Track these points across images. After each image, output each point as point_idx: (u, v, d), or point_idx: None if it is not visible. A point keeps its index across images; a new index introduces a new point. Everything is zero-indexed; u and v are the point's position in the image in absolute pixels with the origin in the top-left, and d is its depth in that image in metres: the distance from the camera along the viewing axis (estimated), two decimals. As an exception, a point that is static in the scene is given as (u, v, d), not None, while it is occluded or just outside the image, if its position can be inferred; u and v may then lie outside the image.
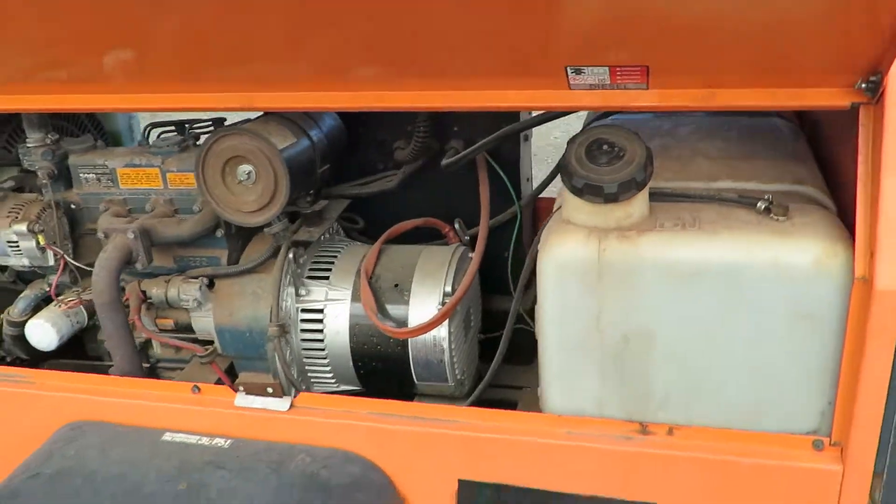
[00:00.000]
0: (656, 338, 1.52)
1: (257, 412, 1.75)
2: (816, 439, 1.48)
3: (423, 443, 1.68)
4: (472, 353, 2.19)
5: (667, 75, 1.39)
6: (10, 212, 2.01)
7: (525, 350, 2.12)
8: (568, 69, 1.39)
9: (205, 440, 1.76)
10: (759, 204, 1.50)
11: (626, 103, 1.45)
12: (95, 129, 2.40)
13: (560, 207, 1.62)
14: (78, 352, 2.29)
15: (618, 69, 1.38)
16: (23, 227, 1.97)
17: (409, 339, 1.99)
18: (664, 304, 1.49)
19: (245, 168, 1.87)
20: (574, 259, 1.51)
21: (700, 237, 1.46)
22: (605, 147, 1.51)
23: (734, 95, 1.41)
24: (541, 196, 2.46)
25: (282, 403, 1.74)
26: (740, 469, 1.51)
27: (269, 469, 1.67)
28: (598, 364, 1.57)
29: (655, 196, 1.57)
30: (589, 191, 1.47)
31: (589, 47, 1.36)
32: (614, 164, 1.48)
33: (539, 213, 2.57)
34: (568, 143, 1.55)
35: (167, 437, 1.78)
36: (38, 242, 1.98)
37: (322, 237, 2.17)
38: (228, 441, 1.75)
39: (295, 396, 1.76)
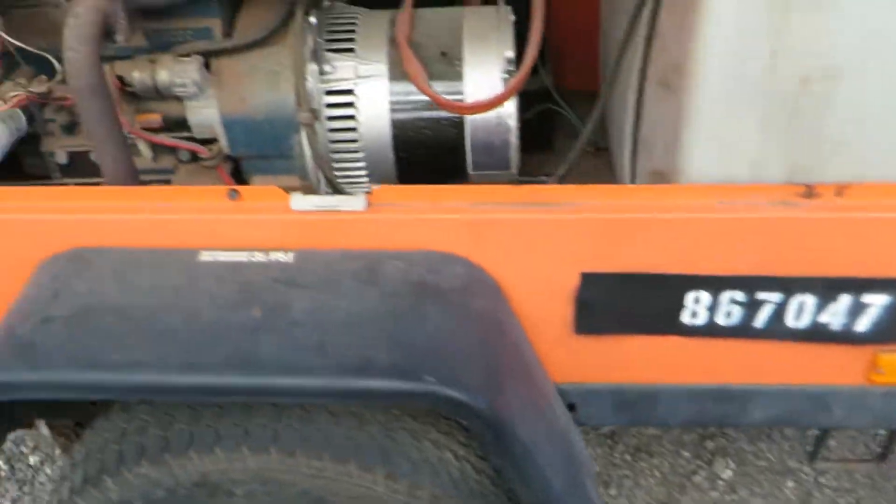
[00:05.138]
0: (843, 77, 1.25)
1: (322, 215, 1.37)
2: None
3: (537, 233, 1.37)
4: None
5: None
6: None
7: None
8: None
9: (258, 256, 1.37)
10: None
11: None
12: None
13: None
14: (13, 171, 1.77)
15: None
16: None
17: (467, 120, 1.65)
18: (863, 36, 1.22)
19: None
20: (757, -19, 1.19)
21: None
22: None
23: None
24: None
25: (355, 201, 1.36)
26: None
27: (359, 281, 1.32)
28: (763, 114, 1.30)
29: None
30: None
31: None
32: None
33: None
34: None
35: (205, 256, 1.38)
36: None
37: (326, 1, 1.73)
38: (289, 254, 1.37)
39: (369, 192, 1.38)
